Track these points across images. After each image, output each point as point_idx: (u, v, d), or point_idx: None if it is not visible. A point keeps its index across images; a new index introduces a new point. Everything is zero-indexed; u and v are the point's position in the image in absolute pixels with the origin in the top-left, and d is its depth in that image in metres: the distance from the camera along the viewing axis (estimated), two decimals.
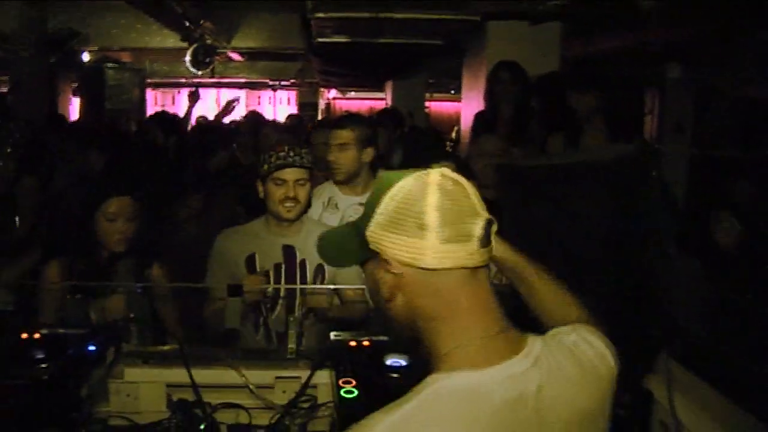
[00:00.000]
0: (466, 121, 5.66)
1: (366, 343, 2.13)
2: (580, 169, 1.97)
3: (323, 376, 2.16)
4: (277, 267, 2.92)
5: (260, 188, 2.92)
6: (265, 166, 2.86)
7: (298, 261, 2.94)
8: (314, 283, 2.95)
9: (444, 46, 6.09)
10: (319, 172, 3.55)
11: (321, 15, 4.67)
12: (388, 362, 1.95)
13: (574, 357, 1.24)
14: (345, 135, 3.40)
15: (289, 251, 2.93)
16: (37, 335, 2.14)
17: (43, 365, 1.98)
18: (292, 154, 2.86)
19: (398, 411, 1.09)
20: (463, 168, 3.04)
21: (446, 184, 1.20)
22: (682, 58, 8.45)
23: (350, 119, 3.60)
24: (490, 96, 4.64)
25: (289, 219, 2.92)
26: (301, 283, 2.94)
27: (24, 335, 2.14)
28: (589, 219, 1.88)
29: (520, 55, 4.78)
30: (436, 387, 1.13)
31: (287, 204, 2.87)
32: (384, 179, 1.24)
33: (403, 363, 1.94)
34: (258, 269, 2.90)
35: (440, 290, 1.18)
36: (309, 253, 2.94)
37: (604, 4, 4.79)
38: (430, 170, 1.23)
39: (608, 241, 1.87)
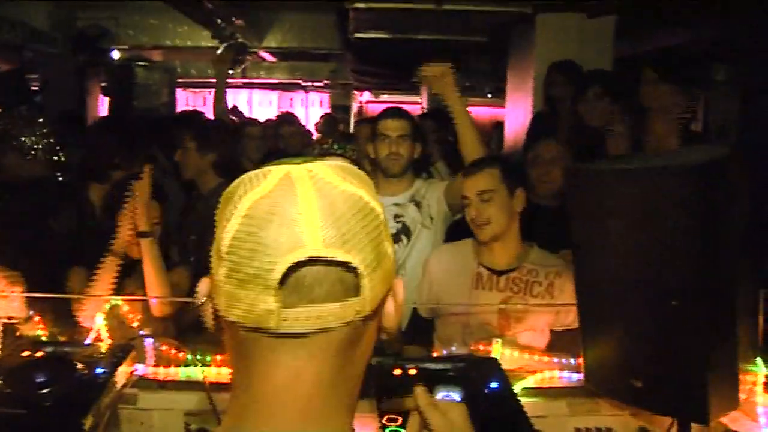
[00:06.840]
0: (511, 124, 5.35)
1: (412, 371, 1.84)
2: (668, 173, 1.68)
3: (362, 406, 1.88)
4: None
5: None
6: None
7: None
8: None
9: (487, 43, 5.79)
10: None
11: (361, 5, 4.37)
12: (439, 396, 1.65)
13: None
14: (403, 126, 3.20)
15: None
16: (39, 353, 1.91)
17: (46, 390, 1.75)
18: (335, 147, 3.14)
19: None
20: (514, 172, 2.84)
21: (279, 187, 0.78)
22: (728, 58, 8.15)
23: (402, 111, 3.38)
24: (547, 100, 4.41)
25: None
26: None
27: (26, 353, 1.91)
28: (680, 228, 1.60)
29: (570, 53, 4.49)
30: None
31: None
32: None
33: (457, 398, 1.65)
34: None
35: (233, 349, 0.82)
36: None
37: None
38: (273, 166, 0.82)
39: (702, 252, 1.58)
